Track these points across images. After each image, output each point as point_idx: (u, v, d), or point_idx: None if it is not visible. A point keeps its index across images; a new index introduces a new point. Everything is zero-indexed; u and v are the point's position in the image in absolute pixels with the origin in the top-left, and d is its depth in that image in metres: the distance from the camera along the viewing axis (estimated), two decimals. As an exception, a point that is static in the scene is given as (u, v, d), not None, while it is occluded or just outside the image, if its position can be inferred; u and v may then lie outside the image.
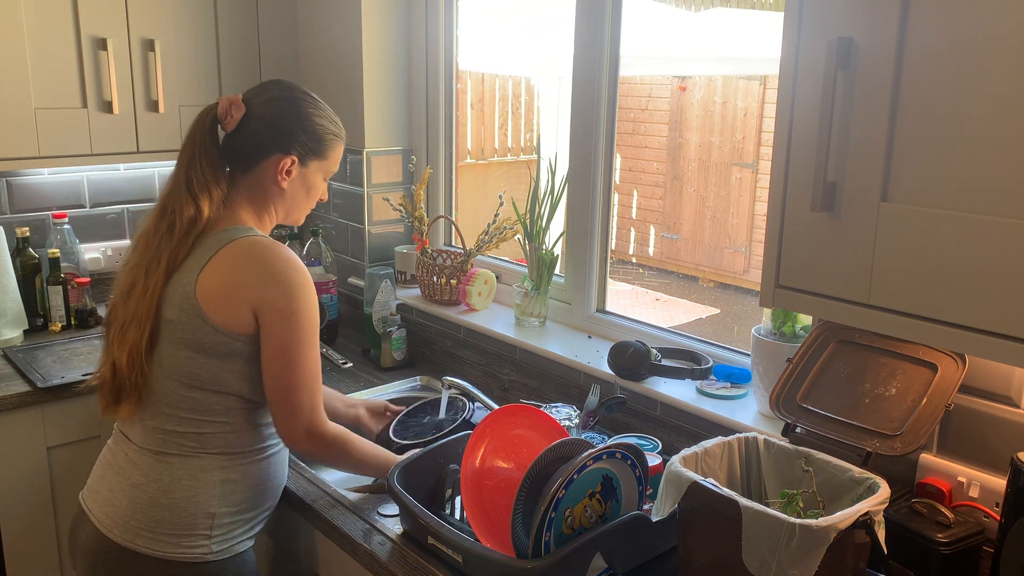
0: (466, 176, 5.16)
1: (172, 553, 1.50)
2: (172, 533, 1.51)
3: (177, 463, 1.52)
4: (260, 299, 1.48)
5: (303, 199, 1.65)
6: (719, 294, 6.04)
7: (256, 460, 1.58)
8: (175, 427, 1.52)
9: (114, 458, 1.59)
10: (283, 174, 1.58)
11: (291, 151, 1.58)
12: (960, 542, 1.31)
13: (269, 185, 1.59)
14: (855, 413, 1.43)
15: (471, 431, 1.71)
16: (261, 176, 1.59)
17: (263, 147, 1.57)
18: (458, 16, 2.53)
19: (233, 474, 1.55)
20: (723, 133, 6.06)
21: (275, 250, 1.52)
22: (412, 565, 1.45)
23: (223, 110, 1.56)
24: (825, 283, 1.17)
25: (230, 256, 1.51)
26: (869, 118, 1.09)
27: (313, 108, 1.61)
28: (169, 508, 1.51)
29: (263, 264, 1.50)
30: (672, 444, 1.81)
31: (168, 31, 2.43)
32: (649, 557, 1.43)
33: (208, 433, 1.53)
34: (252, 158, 1.58)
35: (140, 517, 1.51)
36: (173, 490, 1.51)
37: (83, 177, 2.66)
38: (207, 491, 1.52)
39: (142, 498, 1.51)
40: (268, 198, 1.61)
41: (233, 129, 1.57)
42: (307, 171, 1.62)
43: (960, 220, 1.03)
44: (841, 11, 1.10)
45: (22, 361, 2.26)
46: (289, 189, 1.61)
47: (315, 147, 1.61)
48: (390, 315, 2.42)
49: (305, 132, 1.58)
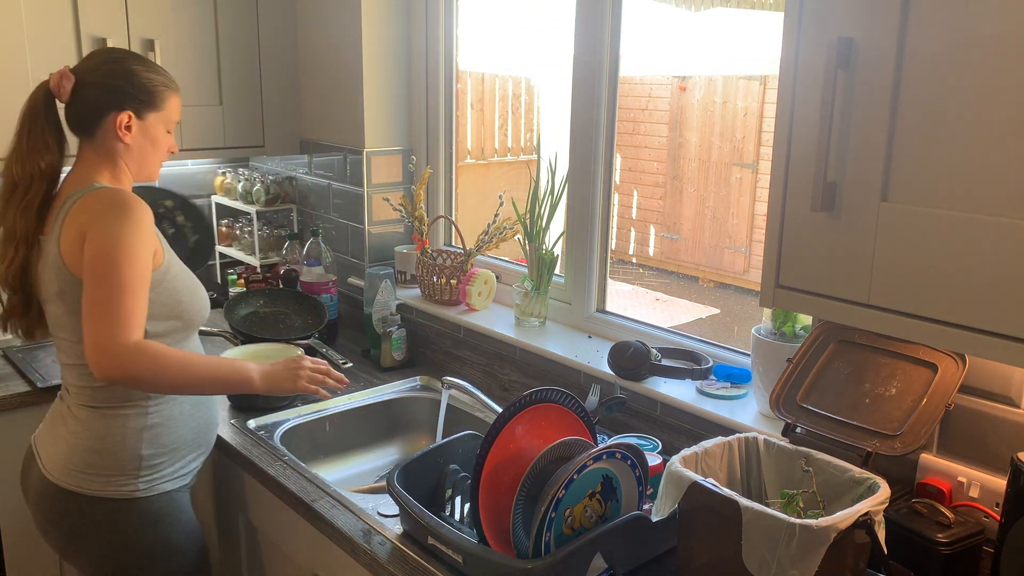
0: (466, 176, 5.16)
1: (100, 491, 1.67)
2: (103, 474, 1.67)
3: (107, 412, 1.68)
4: (86, 225, 1.59)
5: (150, 152, 1.75)
6: (719, 294, 6.04)
7: (178, 402, 1.73)
8: (89, 383, 1.66)
9: (59, 407, 1.77)
10: (122, 129, 1.68)
11: (125, 107, 1.68)
12: (960, 542, 1.31)
13: (113, 143, 1.69)
14: (855, 413, 1.43)
15: (472, 431, 1.72)
16: (103, 137, 1.69)
17: (98, 108, 1.67)
18: (458, 16, 2.53)
19: (157, 419, 1.70)
20: (723, 133, 6.06)
21: (109, 190, 1.65)
22: (412, 565, 1.45)
23: (55, 83, 1.67)
24: (825, 283, 1.17)
25: (77, 209, 1.62)
26: (869, 118, 1.09)
27: (139, 65, 1.72)
28: (100, 453, 1.67)
29: (95, 199, 1.62)
30: (672, 444, 1.81)
31: (168, 31, 2.43)
32: (649, 557, 1.43)
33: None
34: (91, 121, 1.68)
35: (76, 461, 1.68)
36: (104, 436, 1.67)
37: (83, 177, 2.65)
38: (134, 435, 1.68)
39: (78, 444, 1.68)
40: (116, 156, 1.71)
41: (68, 100, 1.68)
42: (146, 124, 1.71)
43: (960, 220, 1.03)
44: (841, 11, 1.10)
45: (22, 361, 2.26)
46: (133, 144, 1.71)
47: (147, 99, 1.70)
48: (390, 315, 2.42)
49: (134, 87, 1.68)
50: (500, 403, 1.98)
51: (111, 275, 1.54)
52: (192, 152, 2.57)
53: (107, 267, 1.54)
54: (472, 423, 2.08)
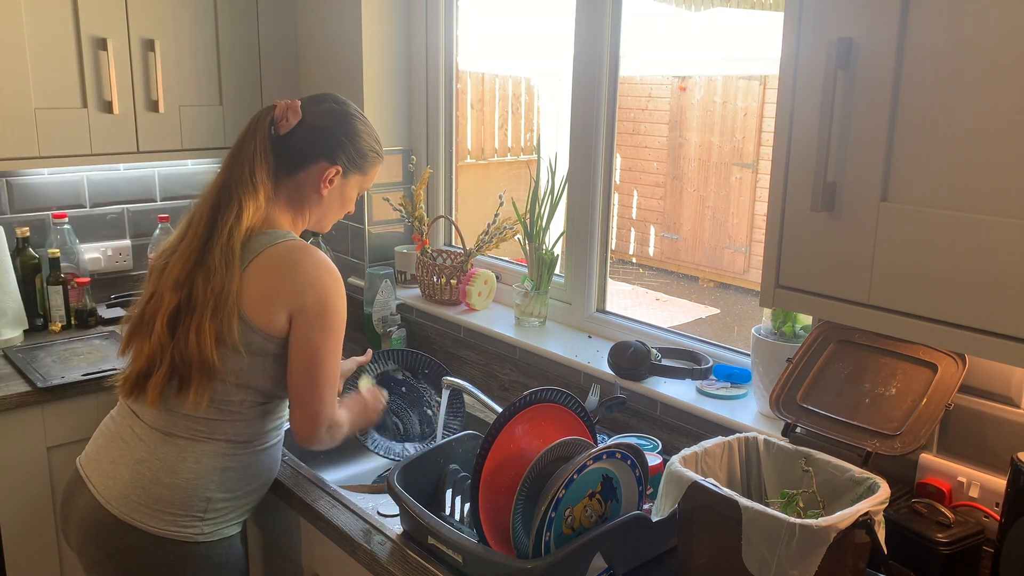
0: (466, 176, 5.16)
1: (165, 530, 1.56)
2: (168, 512, 1.56)
3: (183, 445, 1.58)
4: (297, 304, 1.54)
5: (336, 209, 1.72)
6: (719, 294, 6.04)
7: (257, 451, 1.64)
8: (191, 411, 1.57)
9: (119, 430, 1.63)
10: (326, 182, 1.65)
11: (337, 161, 1.65)
12: (960, 542, 1.31)
13: (309, 191, 1.66)
14: (855, 413, 1.43)
15: (472, 431, 1.72)
16: (304, 181, 1.65)
17: (312, 153, 1.63)
18: (458, 16, 2.53)
19: (234, 462, 1.60)
20: (723, 133, 6.06)
21: (312, 255, 1.58)
22: (412, 565, 1.45)
23: (280, 113, 1.63)
24: (825, 283, 1.17)
25: (269, 261, 1.56)
26: (869, 118, 1.09)
27: (363, 125, 1.69)
28: (169, 487, 1.56)
29: (302, 269, 1.56)
30: (672, 444, 1.81)
31: (168, 31, 2.43)
32: (649, 557, 1.43)
33: (218, 420, 1.58)
34: (299, 162, 1.64)
35: (140, 492, 1.56)
36: (176, 471, 1.57)
37: (83, 177, 2.65)
38: (208, 476, 1.58)
39: (144, 474, 1.57)
40: (305, 203, 1.67)
41: (285, 133, 1.63)
42: (346, 183, 1.69)
43: (960, 220, 1.03)
44: (841, 11, 1.10)
45: (22, 361, 2.26)
46: (327, 197, 1.68)
47: (359, 161, 1.68)
48: (390, 315, 2.42)
49: (353, 146, 1.66)
50: (500, 403, 1.98)
51: (334, 356, 1.58)
52: (192, 152, 2.56)
53: (329, 349, 1.56)
54: (472, 423, 2.08)
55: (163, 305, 1.55)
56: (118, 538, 1.57)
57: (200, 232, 1.57)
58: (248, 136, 1.62)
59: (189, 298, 1.53)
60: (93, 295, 2.57)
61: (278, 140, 1.63)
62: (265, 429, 1.64)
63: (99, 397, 2.16)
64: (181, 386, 1.54)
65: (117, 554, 1.58)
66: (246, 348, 1.54)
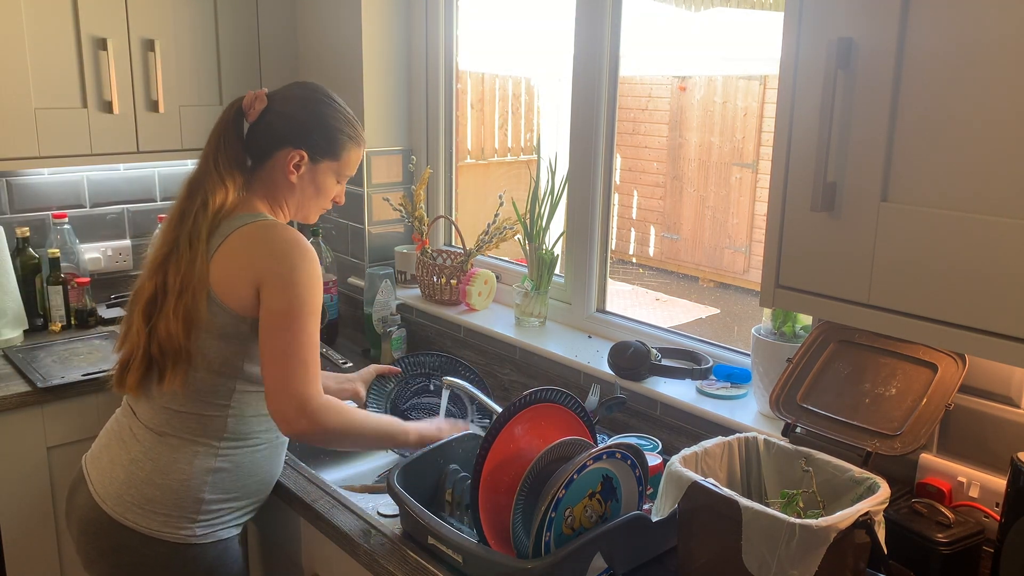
0: (466, 176, 5.16)
1: (157, 531, 1.57)
2: (160, 512, 1.57)
3: (176, 445, 1.58)
4: (261, 271, 1.53)
5: (312, 196, 1.69)
6: (719, 294, 6.04)
7: (250, 450, 1.63)
8: (181, 407, 1.58)
9: (120, 430, 1.65)
10: (292, 167, 1.63)
11: (301, 146, 1.62)
12: (960, 542, 1.31)
13: (280, 178, 1.64)
14: (855, 413, 1.43)
15: (470, 432, 1.71)
16: (273, 168, 1.64)
17: (276, 139, 1.63)
18: (458, 16, 2.53)
19: (226, 463, 1.60)
20: (723, 133, 6.06)
21: (279, 229, 1.57)
22: (412, 565, 1.45)
23: (247, 102, 1.64)
24: (825, 283, 1.17)
25: (240, 238, 1.56)
26: (869, 118, 1.09)
27: (330, 109, 1.66)
28: (161, 488, 1.57)
29: (266, 240, 1.56)
30: (672, 444, 1.81)
31: (168, 31, 2.43)
32: (649, 557, 1.43)
33: (209, 416, 1.58)
34: (266, 149, 1.64)
35: (133, 492, 1.57)
36: (168, 471, 1.57)
37: (83, 177, 2.65)
38: (199, 477, 1.58)
39: (138, 475, 1.58)
40: (279, 191, 1.66)
41: (254, 121, 1.64)
42: (317, 169, 1.66)
43: (960, 220, 1.03)
44: (841, 11, 1.10)
45: (22, 361, 2.26)
46: (298, 184, 1.65)
47: (326, 146, 1.65)
48: (390, 315, 2.42)
49: (318, 130, 1.63)
50: (500, 403, 1.98)
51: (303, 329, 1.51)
52: (192, 152, 2.56)
53: (294, 317, 1.50)
54: (472, 423, 2.08)
55: (142, 296, 1.59)
56: (112, 537, 1.59)
57: (173, 223, 1.60)
58: (216, 128, 1.64)
59: (163, 286, 1.56)
60: (93, 295, 2.57)
61: (249, 131, 1.65)
62: (257, 428, 1.63)
63: (99, 397, 2.17)
64: (161, 375, 1.55)
65: (111, 553, 1.60)
66: (219, 330, 1.54)
